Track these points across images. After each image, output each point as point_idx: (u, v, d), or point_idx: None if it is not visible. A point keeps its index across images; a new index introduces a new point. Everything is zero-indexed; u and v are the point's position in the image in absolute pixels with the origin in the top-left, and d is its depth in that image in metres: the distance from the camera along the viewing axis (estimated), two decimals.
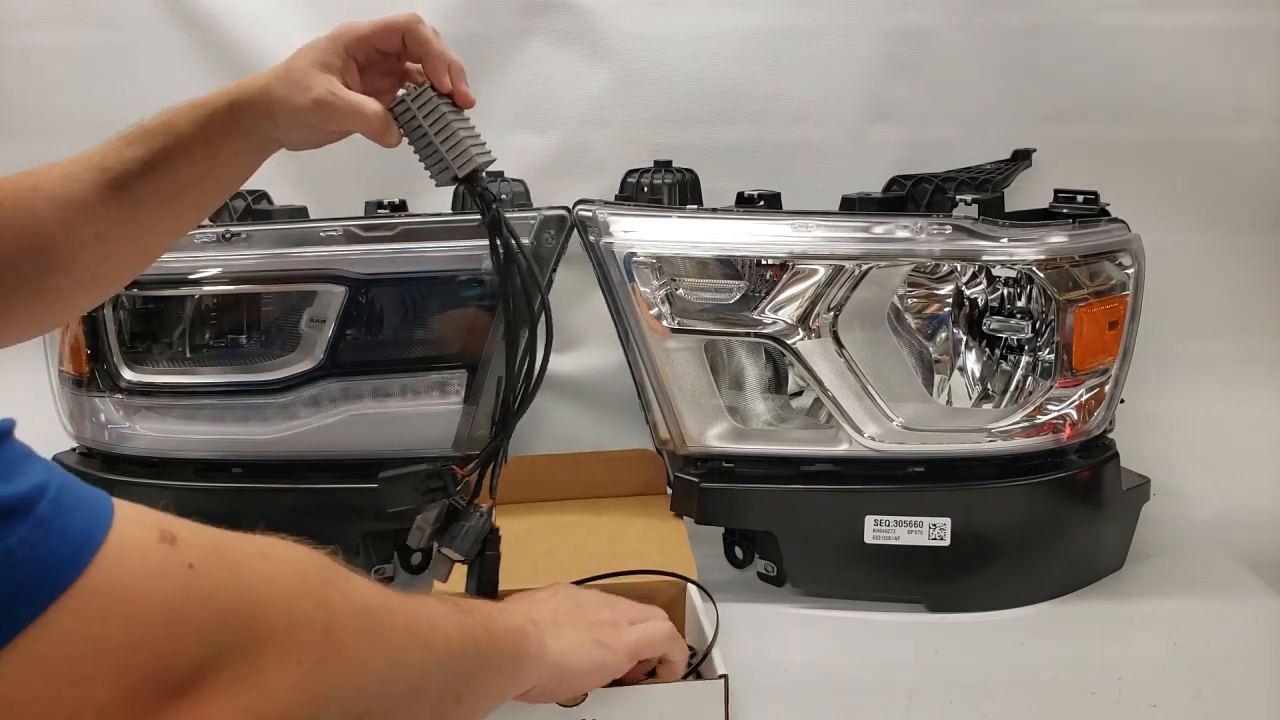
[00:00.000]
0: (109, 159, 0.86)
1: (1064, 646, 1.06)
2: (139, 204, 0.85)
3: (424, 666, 0.60)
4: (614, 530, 1.21)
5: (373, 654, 0.55)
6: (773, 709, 0.95)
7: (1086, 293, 1.14)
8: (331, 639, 0.52)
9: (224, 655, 0.47)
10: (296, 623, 0.50)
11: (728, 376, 1.21)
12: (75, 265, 0.82)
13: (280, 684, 0.48)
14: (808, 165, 1.42)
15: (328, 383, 1.19)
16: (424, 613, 0.62)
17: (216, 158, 0.88)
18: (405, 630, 0.59)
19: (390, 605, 0.59)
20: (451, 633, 0.63)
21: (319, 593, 0.53)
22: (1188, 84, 1.38)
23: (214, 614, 0.47)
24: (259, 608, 0.49)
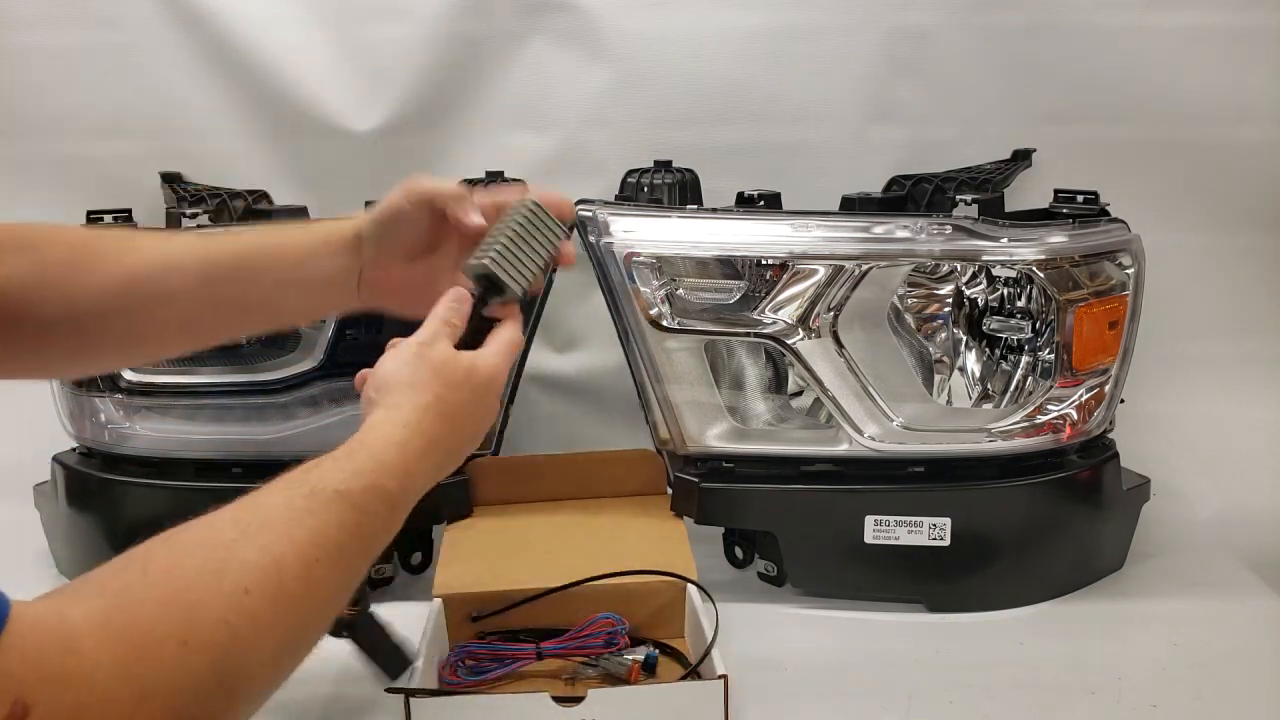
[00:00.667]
0: (212, 253, 0.85)
1: (1064, 646, 1.06)
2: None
3: (331, 582, 0.59)
4: (614, 530, 1.21)
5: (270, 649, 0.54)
6: (773, 709, 0.95)
7: (1086, 293, 1.14)
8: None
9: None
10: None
11: (728, 376, 1.21)
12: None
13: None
14: (808, 165, 1.42)
15: (328, 383, 1.19)
16: (310, 538, 0.59)
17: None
18: (304, 575, 0.57)
19: (282, 564, 0.56)
20: (338, 533, 0.60)
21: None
22: (1188, 84, 1.38)
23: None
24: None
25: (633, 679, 0.96)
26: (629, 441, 1.36)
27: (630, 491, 1.32)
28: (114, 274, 0.80)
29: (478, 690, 0.94)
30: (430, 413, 0.71)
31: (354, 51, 1.42)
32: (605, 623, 1.00)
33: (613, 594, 1.03)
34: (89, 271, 0.79)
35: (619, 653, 0.98)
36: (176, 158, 1.44)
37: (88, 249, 0.81)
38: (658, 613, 1.05)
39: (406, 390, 0.72)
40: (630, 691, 0.91)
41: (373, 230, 0.85)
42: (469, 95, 1.44)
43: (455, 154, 1.44)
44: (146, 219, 1.30)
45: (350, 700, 0.96)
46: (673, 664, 1.00)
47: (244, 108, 1.44)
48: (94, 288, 0.79)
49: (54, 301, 0.78)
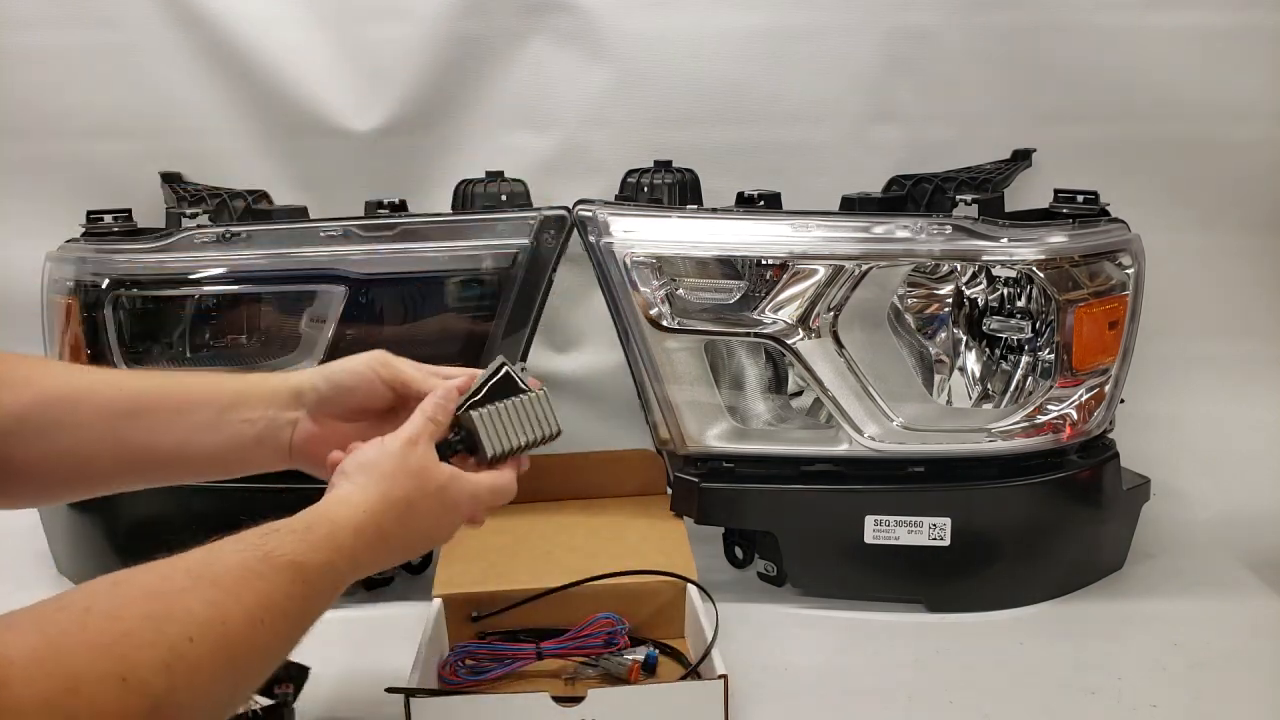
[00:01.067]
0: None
1: (1064, 646, 1.06)
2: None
3: (271, 645, 0.60)
4: (614, 530, 1.21)
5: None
6: (773, 709, 0.95)
7: (1086, 293, 1.14)
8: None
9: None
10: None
11: (728, 376, 1.21)
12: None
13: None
14: (808, 165, 1.42)
15: None
16: (258, 600, 0.60)
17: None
18: (248, 634, 0.58)
19: (227, 619, 0.57)
20: (285, 600, 0.62)
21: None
22: (1188, 84, 1.38)
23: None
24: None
25: (633, 679, 0.96)
26: (629, 441, 1.37)
27: (630, 491, 1.32)
28: (22, 396, 0.76)
29: (478, 690, 0.94)
30: (394, 510, 0.73)
31: (354, 51, 1.42)
32: (605, 623, 1.00)
33: (613, 594, 1.03)
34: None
35: (619, 653, 0.98)
36: (176, 158, 1.44)
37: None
38: (658, 613, 1.05)
39: (379, 480, 0.74)
40: (630, 691, 0.91)
41: (328, 390, 0.84)
42: (469, 95, 1.44)
43: (455, 154, 1.44)
44: (146, 219, 1.30)
45: (350, 700, 0.96)
46: (673, 664, 1.01)
47: (244, 108, 1.44)
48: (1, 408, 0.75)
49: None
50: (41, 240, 1.23)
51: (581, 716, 0.85)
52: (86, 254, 1.17)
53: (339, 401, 0.85)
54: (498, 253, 1.19)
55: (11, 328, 1.38)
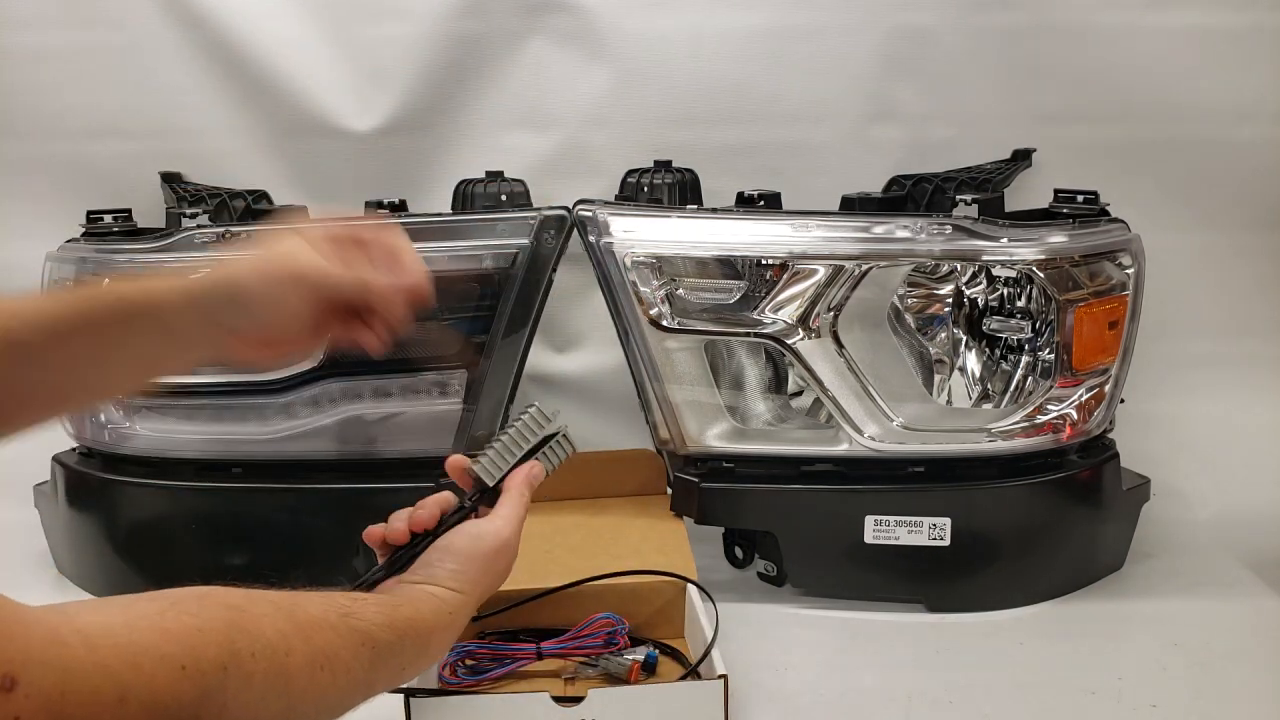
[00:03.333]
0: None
1: (1064, 646, 1.06)
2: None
3: (325, 696, 0.61)
4: (614, 530, 1.21)
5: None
6: (773, 709, 0.95)
7: (1086, 293, 1.14)
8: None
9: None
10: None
11: (728, 376, 1.21)
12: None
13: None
14: (808, 165, 1.42)
15: (328, 383, 1.19)
16: (324, 648, 0.61)
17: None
18: (306, 674, 0.59)
19: (291, 652, 0.58)
20: (350, 660, 0.63)
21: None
22: (1188, 84, 1.38)
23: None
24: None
25: (633, 679, 0.96)
26: (629, 441, 1.37)
27: (630, 491, 1.32)
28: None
29: (478, 690, 0.94)
30: (468, 609, 0.75)
31: (354, 51, 1.42)
32: (605, 623, 1.00)
33: (613, 594, 1.03)
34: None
35: (619, 653, 0.98)
36: (176, 158, 1.44)
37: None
38: (658, 613, 1.05)
39: (472, 584, 0.75)
40: (630, 691, 0.91)
41: (226, 307, 0.74)
42: (469, 95, 1.44)
43: (455, 154, 1.44)
44: (146, 219, 1.30)
45: None
46: (673, 664, 1.00)
47: (244, 108, 1.44)
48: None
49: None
50: (41, 240, 1.23)
51: (581, 716, 0.85)
52: (86, 254, 1.17)
53: (238, 321, 0.75)
54: (498, 253, 1.19)
55: None
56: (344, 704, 0.65)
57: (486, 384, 1.20)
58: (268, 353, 0.79)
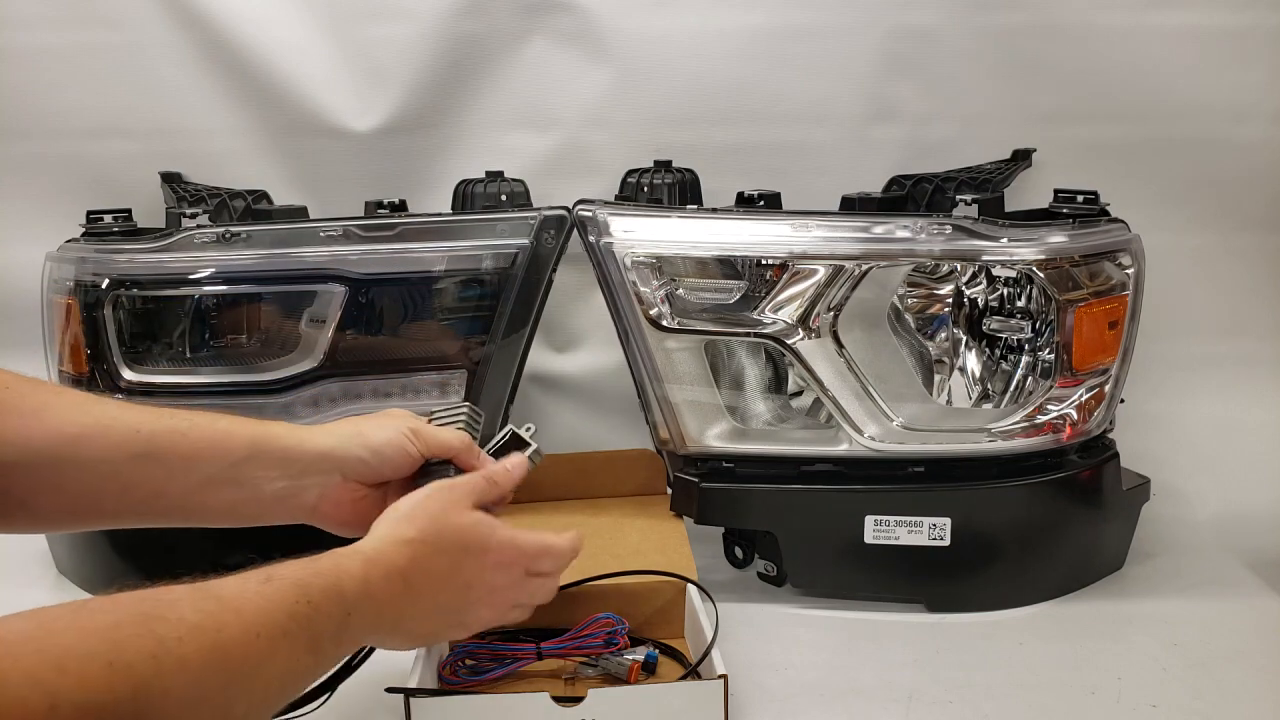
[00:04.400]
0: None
1: (1064, 646, 1.06)
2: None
3: (267, 664, 0.59)
4: (614, 530, 1.21)
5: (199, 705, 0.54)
6: (773, 709, 0.95)
7: (1086, 293, 1.14)
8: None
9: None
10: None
11: (728, 376, 1.21)
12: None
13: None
14: (808, 165, 1.42)
15: (327, 383, 1.19)
16: (256, 614, 0.60)
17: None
18: (242, 645, 0.58)
19: (223, 627, 0.57)
20: (286, 620, 0.61)
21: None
22: (1188, 84, 1.38)
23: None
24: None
25: (633, 679, 0.96)
26: (629, 441, 1.37)
27: (630, 491, 1.32)
28: (31, 427, 0.73)
29: (477, 690, 0.94)
30: (409, 547, 0.72)
31: (354, 51, 1.42)
32: (605, 623, 1.00)
33: (613, 594, 1.03)
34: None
35: (619, 653, 0.98)
36: (176, 158, 1.44)
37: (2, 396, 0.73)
38: (658, 613, 1.05)
39: (395, 521, 0.74)
40: (630, 691, 0.91)
41: (374, 461, 0.82)
42: (469, 95, 1.44)
43: (455, 154, 1.44)
44: (146, 219, 1.30)
45: (350, 700, 0.96)
46: (673, 664, 1.00)
47: (244, 108, 1.44)
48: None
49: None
50: (41, 240, 1.23)
51: (581, 716, 0.85)
52: (86, 254, 1.17)
53: (380, 472, 0.83)
54: (498, 253, 1.19)
55: (11, 328, 1.38)
56: (294, 668, 0.63)
57: (486, 384, 1.21)
58: (361, 512, 0.81)
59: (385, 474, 0.83)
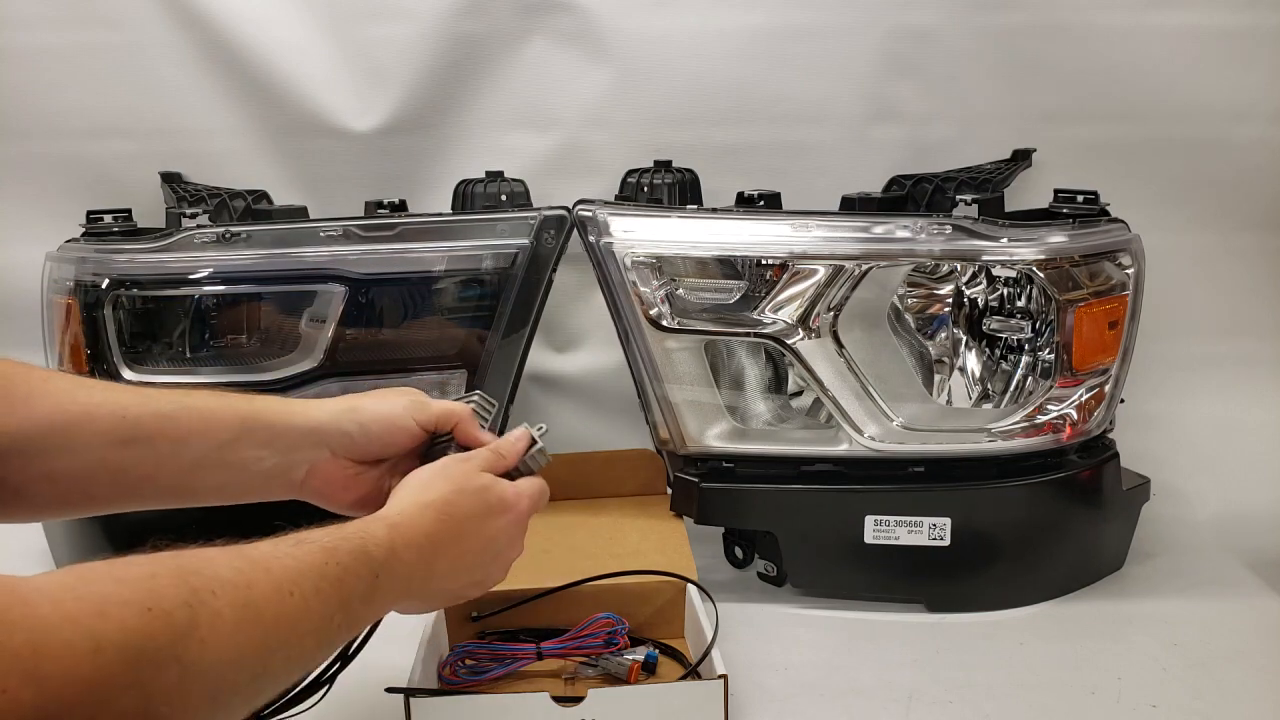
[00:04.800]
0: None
1: (1064, 646, 1.06)
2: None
3: (301, 621, 0.60)
4: (614, 530, 1.21)
5: (238, 652, 0.55)
6: (773, 709, 0.95)
7: (1086, 293, 1.14)
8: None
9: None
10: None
11: (728, 376, 1.21)
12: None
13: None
14: (808, 165, 1.42)
15: (328, 383, 1.19)
16: (286, 573, 0.60)
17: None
18: (275, 601, 0.58)
19: (253, 584, 0.58)
20: (318, 579, 0.62)
21: (148, 673, 0.50)
22: (1188, 84, 1.38)
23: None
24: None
25: (632, 679, 0.96)
26: (629, 441, 1.37)
27: (630, 491, 1.32)
28: (19, 414, 0.73)
29: (478, 690, 0.94)
30: (430, 510, 0.74)
31: (354, 51, 1.42)
32: (605, 623, 1.00)
33: (613, 594, 1.03)
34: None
35: (619, 653, 0.98)
36: (176, 158, 1.44)
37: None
38: (658, 613, 1.05)
39: (416, 488, 0.76)
40: (630, 691, 0.91)
41: (360, 436, 0.82)
42: (469, 95, 1.44)
43: (455, 154, 1.44)
44: (146, 219, 1.30)
45: (350, 700, 0.96)
46: (673, 664, 1.00)
47: (244, 108, 1.44)
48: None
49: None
50: (41, 240, 1.23)
51: (581, 716, 0.85)
52: (86, 254, 1.17)
53: (367, 449, 0.83)
54: (498, 253, 1.19)
55: (11, 328, 1.38)
56: (325, 627, 0.63)
57: (486, 384, 1.21)
58: (355, 491, 0.83)
59: (375, 451, 0.83)
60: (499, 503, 0.78)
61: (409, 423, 0.83)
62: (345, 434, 0.82)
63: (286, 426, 0.81)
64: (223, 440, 0.79)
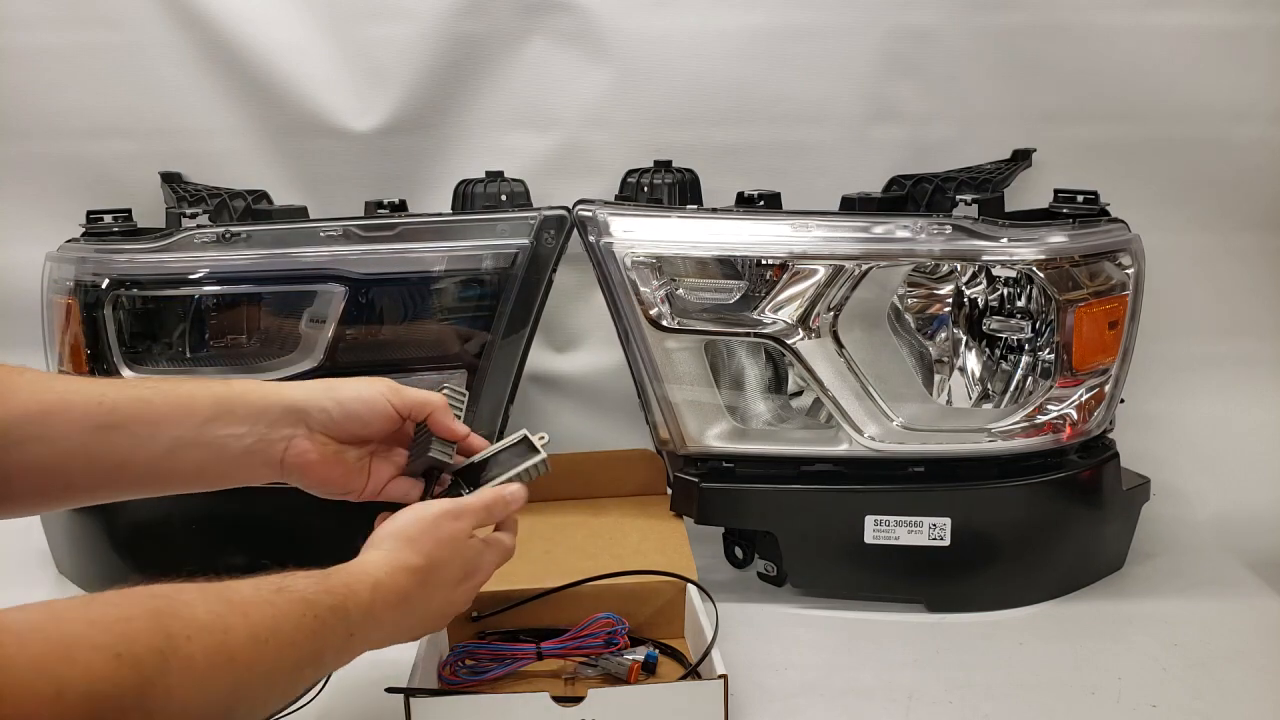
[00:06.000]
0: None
1: (1064, 646, 1.06)
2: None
3: (274, 670, 0.60)
4: (614, 530, 1.21)
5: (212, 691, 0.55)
6: (773, 709, 0.95)
7: (1086, 293, 1.14)
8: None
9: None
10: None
11: (728, 376, 1.21)
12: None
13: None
14: (808, 165, 1.42)
15: None
16: (264, 621, 0.61)
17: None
18: (249, 649, 0.59)
19: (230, 630, 0.58)
20: (293, 630, 0.63)
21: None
22: (1187, 84, 1.38)
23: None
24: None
25: (632, 679, 0.96)
26: (629, 441, 1.37)
27: (630, 491, 1.32)
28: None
29: (478, 690, 0.94)
30: (415, 575, 0.75)
31: (354, 51, 1.42)
32: (605, 623, 1.00)
33: (613, 594, 1.03)
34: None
35: (619, 653, 0.98)
36: (176, 158, 1.44)
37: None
38: (658, 613, 1.05)
39: (406, 544, 0.76)
40: (630, 691, 0.91)
41: (339, 415, 0.83)
42: (469, 95, 1.44)
43: (455, 154, 1.44)
44: (146, 219, 1.30)
45: (350, 700, 0.96)
46: (673, 664, 1.00)
47: (244, 108, 1.44)
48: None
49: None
50: (41, 240, 1.23)
51: (581, 716, 0.85)
52: (86, 254, 1.17)
53: (345, 427, 0.85)
54: (498, 253, 1.19)
55: (11, 328, 1.38)
56: (295, 678, 0.64)
57: (486, 384, 1.20)
58: (336, 470, 0.85)
59: (353, 430, 0.85)
60: (475, 570, 0.82)
61: (385, 404, 0.85)
62: (323, 409, 0.83)
63: (265, 404, 0.82)
64: (201, 419, 0.79)
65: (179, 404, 0.79)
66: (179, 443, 0.79)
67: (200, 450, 0.80)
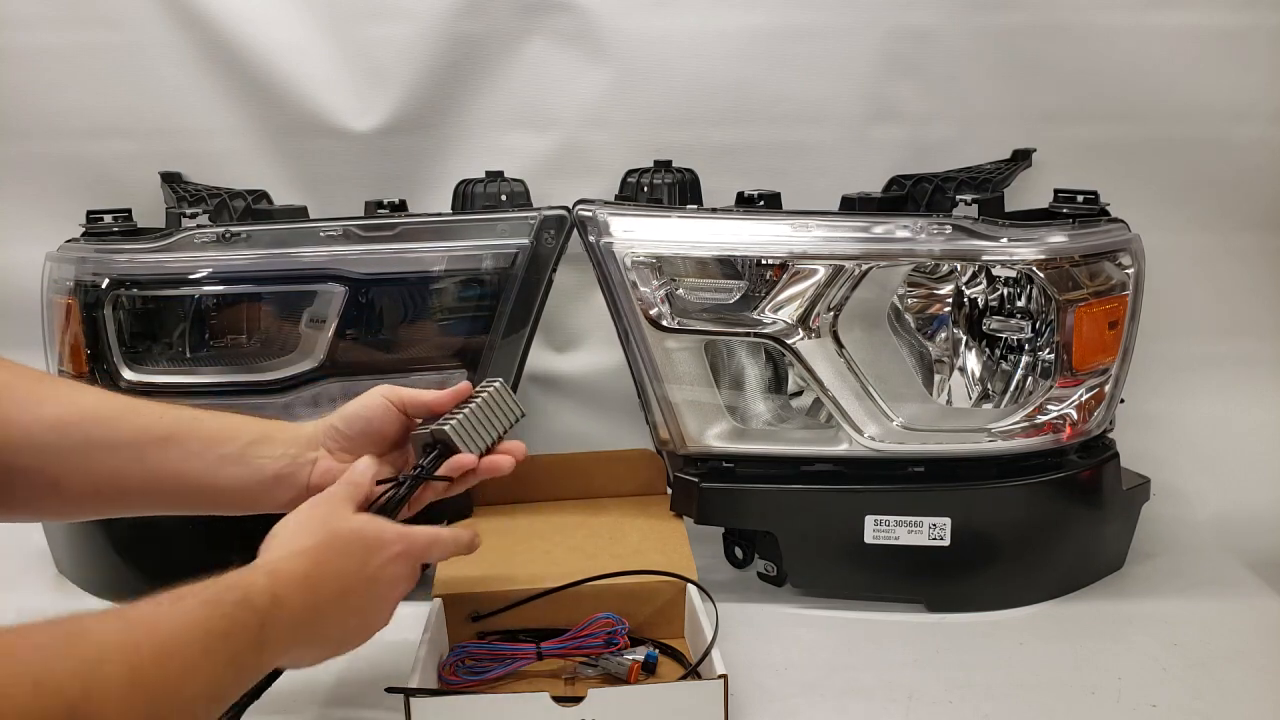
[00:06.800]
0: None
1: (1064, 646, 1.06)
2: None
3: (182, 692, 0.60)
4: (614, 530, 1.21)
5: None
6: (773, 709, 0.95)
7: (1086, 293, 1.14)
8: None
9: None
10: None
11: (728, 376, 1.21)
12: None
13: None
14: (808, 165, 1.42)
15: (327, 383, 1.19)
16: (172, 644, 0.60)
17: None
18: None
19: (140, 659, 0.57)
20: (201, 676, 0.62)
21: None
22: (1187, 84, 1.38)
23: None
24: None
25: (632, 679, 0.96)
26: (629, 441, 1.37)
27: (630, 491, 1.32)
28: (66, 410, 0.80)
29: (478, 690, 0.94)
30: (305, 556, 0.75)
31: (354, 51, 1.42)
32: (605, 623, 1.00)
33: (613, 594, 1.03)
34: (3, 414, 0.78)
35: (619, 653, 0.98)
36: (176, 158, 1.44)
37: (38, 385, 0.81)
38: (658, 613, 1.05)
39: (284, 537, 0.77)
40: (630, 691, 0.91)
41: (344, 426, 0.90)
42: (469, 95, 1.44)
43: (455, 154, 1.44)
44: (146, 219, 1.30)
45: (350, 700, 0.96)
46: (673, 664, 1.01)
47: (244, 108, 1.44)
48: (10, 432, 0.77)
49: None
50: (41, 240, 1.23)
51: (581, 716, 0.85)
52: (86, 254, 1.17)
53: (355, 438, 0.90)
54: (498, 253, 1.19)
55: (11, 328, 1.38)
56: (215, 684, 0.63)
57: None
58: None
59: (362, 443, 0.90)
60: (375, 538, 0.80)
61: (382, 402, 0.90)
62: (332, 427, 0.90)
63: (296, 433, 0.90)
64: (245, 441, 0.87)
65: (227, 425, 0.87)
66: (225, 460, 0.85)
67: (241, 469, 0.86)
